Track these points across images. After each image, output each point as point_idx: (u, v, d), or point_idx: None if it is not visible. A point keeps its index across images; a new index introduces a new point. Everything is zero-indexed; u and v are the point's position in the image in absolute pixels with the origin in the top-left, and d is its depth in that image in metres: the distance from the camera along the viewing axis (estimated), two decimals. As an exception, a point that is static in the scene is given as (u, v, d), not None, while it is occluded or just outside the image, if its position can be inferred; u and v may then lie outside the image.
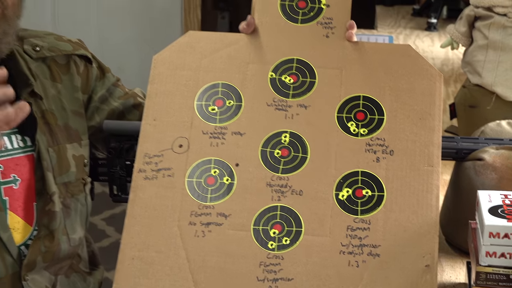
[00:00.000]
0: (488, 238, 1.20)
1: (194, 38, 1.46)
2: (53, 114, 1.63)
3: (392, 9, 3.74)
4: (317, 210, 1.32)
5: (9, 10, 1.53)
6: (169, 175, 1.36)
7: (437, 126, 1.36)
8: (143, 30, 4.34)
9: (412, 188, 1.32)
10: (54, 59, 1.68)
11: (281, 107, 1.39)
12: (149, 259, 1.31)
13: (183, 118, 1.40)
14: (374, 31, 3.39)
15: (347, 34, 1.43)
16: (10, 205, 1.56)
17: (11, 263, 1.54)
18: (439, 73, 1.39)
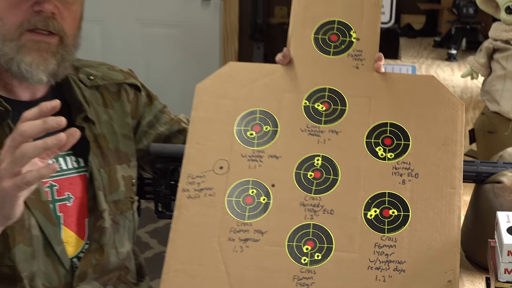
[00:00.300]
0: (506, 256, 1.19)
1: (234, 68, 1.47)
2: (104, 138, 1.64)
3: (414, 41, 3.73)
4: (347, 228, 1.31)
5: (68, 38, 1.55)
6: (210, 194, 1.36)
7: (459, 151, 1.35)
8: (186, 59, 4.37)
9: (436, 208, 1.31)
10: (106, 87, 1.70)
11: (314, 133, 1.39)
12: (191, 271, 1.31)
13: (224, 142, 1.40)
14: (398, 61, 3.38)
15: (375, 65, 1.42)
16: (64, 221, 1.57)
17: (64, 274, 1.55)
18: (461, 102, 1.38)
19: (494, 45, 1.88)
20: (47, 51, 1.52)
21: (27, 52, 1.51)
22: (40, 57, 1.52)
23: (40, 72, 1.52)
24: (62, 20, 1.52)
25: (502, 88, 1.87)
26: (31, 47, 1.51)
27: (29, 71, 1.51)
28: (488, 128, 1.91)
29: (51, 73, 1.54)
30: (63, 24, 1.53)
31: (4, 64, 1.52)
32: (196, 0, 4.29)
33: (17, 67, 1.51)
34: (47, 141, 1.23)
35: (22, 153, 1.24)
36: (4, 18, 1.51)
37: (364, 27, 1.45)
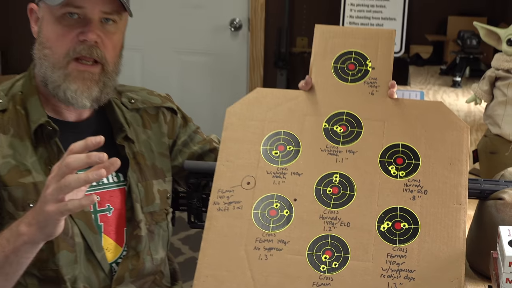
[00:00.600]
0: (508, 267, 1.17)
1: (261, 93, 1.47)
2: (142, 155, 1.64)
3: (422, 69, 3.73)
4: (362, 239, 1.30)
5: (110, 66, 1.56)
6: (238, 207, 1.36)
7: (465, 170, 1.34)
8: (216, 84, 4.38)
9: (443, 222, 1.30)
10: (146, 110, 1.70)
11: (332, 152, 1.39)
12: (220, 277, 1.30)
13: (251, 160, 1.40)
14: (408, 87, 3.37)
15: (389, 92, 1.42)
16: (105, 229, 1.57)
17: (103, 278, 1.55)
18: (466, 126, 1.38)
19: (496, 74, 1.87)
20: (90, 80, 1.53)
21: (73, 80, 1.52)
22: (84, 85, 1.53)
23: (84, 98, 1.53)
24: (104, 48, 1.53)
25: (503, 113, 1.86)
26: (77, 76, 1.52)
27: (74, 98, 1.52)
28: (490, 149, 1.90)
29: (94, 99, 1.55)
30: (105, 52, 1.54)
31: (52, 90, 1.53)
32: (226, 31, 4.31)
33: (63, 94, 1.52)
34: (88, 175, 1.25)
35: (66, 183, 1.25)
36: (53, 47, 1.52)
37: (379, 57, 1.44)
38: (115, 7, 1.53)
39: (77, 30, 1.50)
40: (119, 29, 1.57)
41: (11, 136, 1.52)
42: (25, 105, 1.56)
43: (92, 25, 1.50)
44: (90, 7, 1.50)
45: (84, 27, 1.50)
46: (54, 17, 1.51)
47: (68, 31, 1.51)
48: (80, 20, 1.51)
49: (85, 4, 1.49)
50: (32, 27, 1.59)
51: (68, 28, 1.51)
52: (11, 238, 1.34)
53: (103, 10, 1.51)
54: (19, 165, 1.50)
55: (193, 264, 1.33)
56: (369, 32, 1.47)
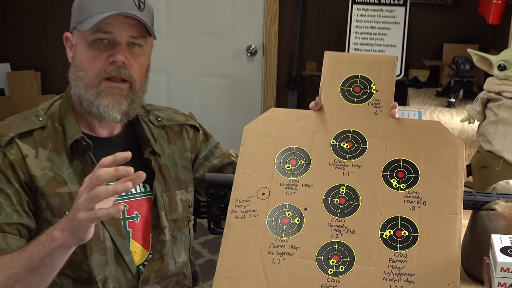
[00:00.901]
0: (500, 272, 1.16)
1: (275, 113, 1.46)
2: (167, 168, 1.65)
3: (420, 91, 3.71)
4: (366, 246, 1.29)
5: (137, 84, 1.56)
6: (254, 215, 1.35)
7: (460, 184, 1.33)
8: (233, 104, 4.39)
9: (440, 231, 1.29)
10: (171, 127, 1.70)
11: (340, 166, 1.38)
12: (237, 279, 1.29)
13: (266, 173, 1.39)
14: (407, 107, 3.36)
15: (391, 112, 1.41)
16: (133, 235, 1.57)
17: (131, 279, 1.55)
18: (461, 143, 1.37)
19: (488, 96, 1.86)
20: (120, 95, 1.54)
21: (105, 96, 1.53)
22: (115, 100, 1.53)
23: (115, 112, 1.54)
24: (131, 68, 1.54)
25: (494, 131, 1.85)
26: (108, 92, 1.53)
27: (106, 112, 1.53)
28: (482, 164, 1.89)
29: (123, 113, 1.55)
30: (132, 72, 1.54)
31: (86, 107, 1.54)
32: (243, 56, 4.32)
33: (96, 109, 1.53)
34: (116, 187, 1.26)
35: (96, 194, 1.26)
36: (86, 69, 1.53)
37: (382, 81, 1.44)
38: (140, 32, 1.53)
39: (107, 53, 1.51)
40: (145, 52, 1.58)
41: (49, 151, 1.52)
42: (63, 123, 1.56)
43: (120, 48, 1.51)
44: (118, 32, 1.51)
45: (113, 50, 1.51)
46: (86, 42, 1.52)
47: (99, 54, 1.52)
48: (109, 44, 1.52)
49: (113, 29, 1.50)
50: (68, 53, 1.60)
51: (99, 52, 1.52)
52: (46, 242, 1.34)
53: (130, 35, 1.52)
54: (56, 176, 1.51)
55: (212, 266, 1.32)
56: (373, 58, 1.47)
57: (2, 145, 1.49)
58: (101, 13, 1.49)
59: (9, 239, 1.43)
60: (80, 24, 1.52)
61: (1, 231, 1.43)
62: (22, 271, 1.36)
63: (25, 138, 1.52)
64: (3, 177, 1.47)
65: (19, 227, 1.46)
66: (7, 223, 1.44)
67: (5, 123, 1.54)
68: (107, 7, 1.49)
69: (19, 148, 1.50)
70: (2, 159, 1.48)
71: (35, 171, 1.49)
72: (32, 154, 1.50)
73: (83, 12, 1.52)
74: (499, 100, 1.83)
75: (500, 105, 1.83)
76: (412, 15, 3.96)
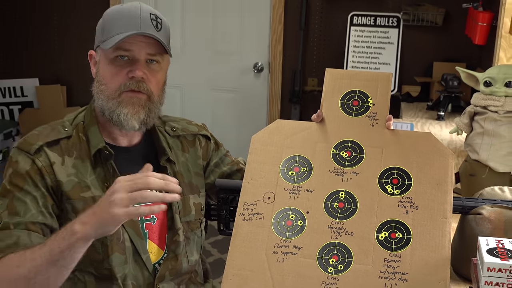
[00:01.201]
0: (486, 272, 1.15)
1: (280, 124, 1.46)
2: (181, 174, 1.64)
3: (412, 105, 3.70)
4: (363, 246, 1.28)
5: (154, 97, 1.56)
6: (260, 218, 1.35)
7: (450, 190, 1.32)
8: (241, 116, 4.39)
9: (431, 233, 1.27)
10: (185, 136, 1.70)
11: (339, 173, 1.37)
12: (244, 276, 1.29)
13: (271, 179, 1.39)
14: (400, 119, 3.35)
15: (386, 124, 1.40)
16: (149, 236, 1.57)
17: (148, 276, 1.55)
18: (451, 153, 1.36)
19: (475, 109, 1.86)
20: (138, 104, 1.54)
21: (125, 105, 1.53)
22: (134, 109, 1.53)
23: (134, 120, 1.54)
24: (149, 83, 1.54)
25: (480, 142, 1.84)
26: (127, 102, 1.53)
27: (125, 120, 1.53)
28: (469, 172, 1.88)
29: (141, 122, 1.55)
30: (150, 86, 1.54)
31: (108, 116, 1.54)
32: (250, 73, 4.32)
33: (117, 117, 1.53)
34: (166, 197, 1.32)
35: (144, 197, 1.29)
36: (108, 83, 1.53)
37: (379, 95, 1.43)
38: (158, 49, 1.53)
39: (127, 69, 1.52)
40: (162, 68, 1.58)
41: (74, 158, 1.52)
42: (86, 133, 1.56)
43: (139, 64, 1.51)
44: (137, 50, 1.51)
45: (132, 66, 1.51)
46: (108, 59, 1.52)
47: (120, 70, 1.52)
48: (129, 61, 1.52)
49: (132, 47, 1.50)
50: (92, 69, 1.61)
51: (119, 68, 1.52)
52: (66, 236, 1.34)
53: (148, 52, 1.52)
54: (81, 182, 1.51)
55: (221, 265, 1.32)
56: (370, 75, 1.46)
57: (31, 152, 1.49)
58: (121, 33, 1.49)
59: (33, 236, 1.43)
60: (102, 43, 1.52)
61: (26, 228, 1.43)
62: (43, 263, 1.34)
63: (53, 146, 1.52)
64: (31, 181, 1.47)
65: (42, 227, 1.45)
66: (32, 222, 1.44)
67: (34, 132, 1.54)
68: (127, 27, 1.49)
69: (47, 155, 1.50)
70: (31, 165, 1.48)
71: (61, 177, 1.49)
72: (59, 162, 1.50)
73: (105, 32, 1.52)
74: (485, 114, 1.83)
75: (486, 118, 1.82)
76: (404, 36, 3.96)
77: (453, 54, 3.95)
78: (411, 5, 3.90)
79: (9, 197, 1.46)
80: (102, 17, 1.57)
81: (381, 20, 3.94)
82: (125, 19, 1.50)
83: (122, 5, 1.55)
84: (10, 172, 1.49)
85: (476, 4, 3.41)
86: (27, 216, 1.44)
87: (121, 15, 1.52)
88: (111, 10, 1.56)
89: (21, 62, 4.59)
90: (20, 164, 1.48)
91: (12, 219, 1.43)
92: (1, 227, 1.43)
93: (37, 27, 4.52)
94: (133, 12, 1.51)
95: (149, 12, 1.53)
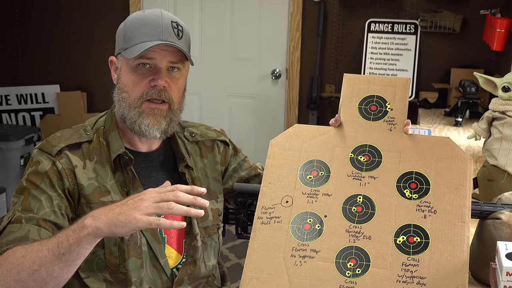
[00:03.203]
0: (505, 276, 1.14)
1: (298, 129, 1.46)
2: (199, 180, 1.64)
3: (430, 111, 3.68)
4: (381, 250, 1.28)
5: (175, 105, 1.56)
6: (278, 221, 1.34)
7: (468, 194, 1.31)
8: (259, 122, 4.39)
9: (450, 238, 1.27)
10: (203, 142, 1.70)
11: (357, 177, 1.37)
12: (262, 279, 1.28)
13: (289, 183, 1.39)
14: (417, 125, 3.33)
15: (404, 128, 1.40)
16: (167, 241, 1.57)
17: (166, 280, 1.55)
18: (469, 157, 1.35)
19: (493, 115, 1.84)
20: (159, 115, 1.54)
21: (146, 116, 1.53)
22: (155, 120, 1.53)
23: (155, 130, 1.54)
24: (170, 91, 1.54)
25: (499, 147, 1.83)
26: (149, 113, 1.53)
27: (147, 130, 1.53)
28: (488, 177, 1.86)
29: (163, 131, 1.55)
30: (171, 94, 1.54)
31: (129, 125, 1.55)
32: (268, 79, 4.33)
33: (138, 127, 1.53)
34: (191, 211, 1.29)
35: (170, 208, 1.27)
36: (130, 91, 1.54)
37: (397, 100, 1.43)
38: (179, 57, 1.54)
39: (149, 78, 1.52)
40: (183, 75, 1.58)
41: (94, 163, 1.53)
42: (107, 138, 1.57)
43: (161, 73, 1.52)
44: (159, 58, 1.51)
45: (155, 74, 1.52)
46: (130, 67, 1.53)
47: (142, 78, 1.52)
48: (151, 69, 1.52)
49: (155, 56, 1.51)
50: (112, 75, 1.61)
51: (141, 76, 1.52)
52: (77, 229, 1.31)
53: (170, 60, 1.53)
54: (101, 186, 1.51)
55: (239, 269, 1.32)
56: (388, 80, 1.46)
57: (53, 154, 1.50)
58: (144, 42, 1.49)
59: (43, 233, 1.41)
60: (125, 50, 1.53)
61: (37, 224, 1.42)
62: (49, 255, 1.30)
63: (75, 150, 1.53)
64: (49, 181, 1.47)
65: (53, 226, 1.44)
66: (43, 219, 1.43)
67: (57, 135, 1.56)
68: (149, 36, 1.50)
69: (68, 158, 1.51)
70: (51, 166, 1.49)
71: (82, 181, 1.50)
72: (80, 165, 1.51)
73: (127, 39, 1.53)
74: (503, 119, 1.81)
75: (504, 123, 1.81)
76: (422, 43, 3.94)
77: (471, 61, 3.93)
78: (429, 12, 3.88)
79: (25, 194, 1.46)
80: (124, 23, 1.57)
81: (398, 26, 3.93)
82: (147, 27, 1.51)
83: (144, 12, 1.55)
84: (29, 171, 1.49)
85: (494, 11, 3.39)
86: (40, 213, 1.43)
87: (143, 23, 1.52)
88: (133, 17, 1.56)
89: (43, 68, 4.64)
90: (40, 164, 1.49)
91: (25, 214, 1.43)
92: (14, 220, 1.43)
93: (58, 34, 4.57)
94: (155, 20, 1.51)
95: (170, 20, 1.53)
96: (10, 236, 1.41)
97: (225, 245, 3.88)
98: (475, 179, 1.94)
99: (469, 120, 3.31)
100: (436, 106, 3.77)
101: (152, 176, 1.59)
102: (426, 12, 3.89)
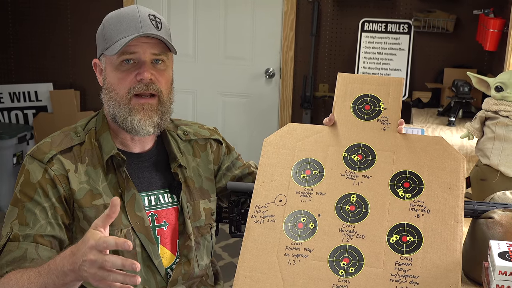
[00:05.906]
0: (498, 275, 1.14)
1: (292, 127, 1.46)
2: (192, 180, 1.64)
3: (423, 111, 3.69)
4: (374, 249, 1.28)
5: (164, 97, 1.55)
6: (271, 220, 1.34)
7: (461, 194, 1.31)
8: (253, 121, 4.39)
9: (443, 237, 1.27)
10: (196, 141, 1.70)
11: (350, 177, 1.37)
12: (255, 278, 1.28)
13: (283, 181, 1.38)
14: (411, 125, 3.34)
15: (398, 128, 1.40)
16: (161, 241, 1.56)
17: (160, 280, 1.54)
18: (462, 157, 1.35)
19: (486, 114, 1.85)
20: (150, 110, 1.53)
21: (137, 112, 1.52)
22: (146, 115, 1.53)
23: (148, 125, 1.53)
24: (158, 83, 1.53)
25: (491, 147, 1.83)
26: (139, 109, 1.52)
27: (139, 126, 1.52)
28: (480, 177, 1.87)
29: (156, 126, 1.55)
30: (159, 86, 1.53)
31: (121, 123, 1.53)
32: (261, 78, 4.32)
33: (130, 124, 1.52)
34: (126, 279, 1.20)
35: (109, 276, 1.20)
36: (117, 89, 1.53)
37: (390, 100, 1.43)
38: (161, 49, 1.53)
39: (134, 72, 1.51)
40: (168, 66, 1.57)
41: (86, 165, 1.52)
42: (99, 139, 1.56)
43: (145, 66, 1.51)
44: (142, 51, 1.50)
45: (139, 68, 1.51)
46: (114, 65, 1.52)
47: (127, 74, 1.51)
48: (135, 64, 1.51)
49: (137, 49, 1.50)
50: (98, 78, 1.60)
51: (126, 72, 1.51)
52: (60, 276, 1.29)
53: (152, 52, 1.51)
54: (93, 189, 1.50)
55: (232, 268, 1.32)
56: (382, 79, 1.46)
57: (44, 161, 1.49)
58: (124, 37, 1.49)
59: (41, 249, 1.42)
60: (106, 50, 1.52)
61: (34, 241, 1.43)
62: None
63: (66, 153, 1.52)
64: (42, 191, 1.47)
65: (51, 239, 1.45)
66: (40, 235, 1.43)
67: (47, 140, 1.54)
68: (128, 31, 1.49)
69: (61, 163, 1.50)
70: (42, 175, 1.48)
71: (74, 185, 1.49)
72: (72, 169, 1.50)
73: (107, 39, 1.52)
74: (496, 119, 1.82)
75: (497, 123, 1.81)
76: (415, 42, 3.95)
77: (464, 60, 3.94)
78: (422, 12, 3.89)
79: (19, 207, 1.46)
80: (102, 24, 1.55)
81: (392, 26, 3.94)
82: (125, 23, 1.50)
83: (120, 10, 1.54)
84: (22, 181, 1.49)
85: (487, 11, 3.40)
86: (36, 227, 1.44)
87: (121, 20, 1.51)
88: (110, 16, 1.55)
89: (36, 67, 4.62)
90: (32, 174, 1.48)
91: (22, 231, 1.43)
92: (12, 238, 1.43)
93: (51, 32, 4.55)
94: (132, 15, 1.50)
95: (147, 14, 1.52)
96: (9, 256, 1.42)
97: (218, 244, 3.88)
98: (468, 178, 1.95)
99: (462, 119, 3.31)
100: (429, 106, 3.78)
101: (145, 176, 1.58)
102: (419, 12, 3.90)
